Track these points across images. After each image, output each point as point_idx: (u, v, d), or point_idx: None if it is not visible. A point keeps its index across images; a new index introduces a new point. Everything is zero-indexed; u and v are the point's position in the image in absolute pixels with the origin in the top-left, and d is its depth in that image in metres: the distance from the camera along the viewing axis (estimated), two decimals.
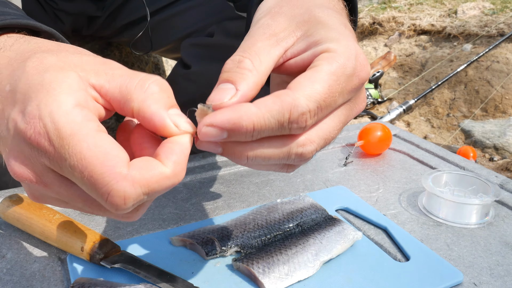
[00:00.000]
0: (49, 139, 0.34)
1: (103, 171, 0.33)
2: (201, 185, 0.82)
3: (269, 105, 0.37)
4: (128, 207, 0.34)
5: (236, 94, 0.39)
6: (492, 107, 2.50)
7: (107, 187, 0.33)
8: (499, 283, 0.59)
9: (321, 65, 0.39)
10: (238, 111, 0.36)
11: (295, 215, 0.68)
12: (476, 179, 0.77)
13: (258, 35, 0.42)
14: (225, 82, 0.40)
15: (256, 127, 0.37)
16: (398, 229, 0.68)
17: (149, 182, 0.34)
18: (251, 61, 0.40)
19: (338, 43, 0.41)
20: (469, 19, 3.20)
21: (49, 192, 0.38)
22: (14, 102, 0.36)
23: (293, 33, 0.43)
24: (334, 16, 0.44)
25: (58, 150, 0.34)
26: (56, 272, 0.59)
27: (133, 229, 0.68)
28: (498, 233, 0.70)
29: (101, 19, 1.20)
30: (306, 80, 0.38)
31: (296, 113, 0.37)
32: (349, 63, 0.40)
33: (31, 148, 0.35)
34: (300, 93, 0.37)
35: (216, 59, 1.10)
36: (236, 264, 0.59)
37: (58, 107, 0.34)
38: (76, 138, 0.34)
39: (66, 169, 0.34)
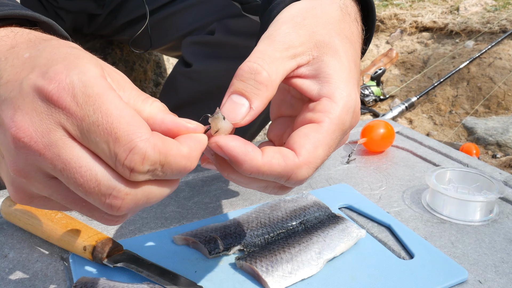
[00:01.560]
0: (73, 95, 0.34)
1: (128, 129, 0.34)
2: (203, 183, 0.81)
3: (274, 166, 0.40)
4: (144, 169, 0.34)
5: (250, 113, 0.41)
6: (494, 104, 2.49)
7: (131, 143, 0.33)
8: (505, 281, 0.59)
9: (323, 123, 0.42)
10: (245, 155, 0.39)
11: (298, 213, 0.67)
12: (480, 176, 0.76)
13: (278, 43, 0.43)
14: (239, 94, 0.41)
15: (253, 173, 0.40)
16: (402, 227, 0.68)
17: (168, 153, 0.35)
18: (269, 74, 0.41)
19: (342, 92, 0.43)
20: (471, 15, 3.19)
21: (44, 160, 0.35)
22: (33, 66, 0.36)
23: (310, 51, 0.44)
24: (349, 49, 0.46)
25: (82, 107, 0.34)
26: (59, 271, 0.59)
27: (136, 228, 0.68)
28: (502, 230, 0.69)
29: (101, 17, 1.20)
30: (310, 144, 0.41)
31: (295, 179, 0.41)
32: (347, 118, 0.43)
33: (48, 105, 0.34)
34: (303, 161, 0.41)
35: (217, 57, 1.09)
36: (239, 262, 0.59)
37: (87, 70, 0.35)
38: (104, 97, 0.34)
39: (86, 126, 0.34)
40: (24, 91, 0.35)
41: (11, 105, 0.35)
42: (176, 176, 0.37)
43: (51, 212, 0.62)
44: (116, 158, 0.34)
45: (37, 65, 0.36)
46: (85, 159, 0.35)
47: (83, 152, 0.35)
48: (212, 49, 1.10)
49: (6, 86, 0.36)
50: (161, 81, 1.62)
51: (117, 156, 0.34)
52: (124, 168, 0.34)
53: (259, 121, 1.18)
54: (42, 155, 0.35)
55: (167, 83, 1.23)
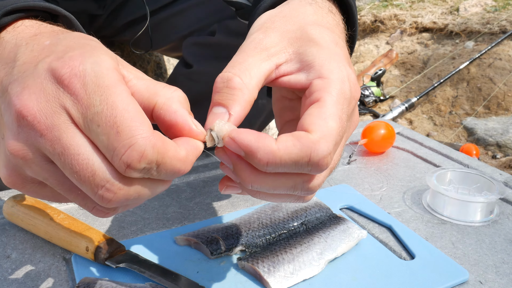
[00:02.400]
0: (83, 82, 0.34)
1: (131, 124, 0.34)
2: (205, 184, 0.82)
3: (289, 147, 0.37)
4: (140, 166, 0.34)
5: (230, 119, 0.40)
6: (494, 105, 2.49)
7: (132, 139, 0.34)
8: (505, 281, 0.59)
9: (324, 98, 0.40)
10: (258, 141, 0.37)
11: (299, 214, 0.67)
12: (480, 177, 0.77)
13: (249, 50, 0.43)
14: (217, 105, 0.41)
15: (269, 163, 0.37)
16: (402, 228, 0.68)
17: (165, 154, 0.35)
18: (241, 78, 0.41)
19: (329, 67, 0.42)
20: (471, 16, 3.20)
21: (44, 141, 0.35)
22: (51, 52, 0.37)
23: (285, 49, 0.44)
24: (326, 34, 0.45)
25: (90, 95, 0.34)
26: (61, 272, 0.59)
27: (138, 228, 0.68)
28: (503, 231, 0.70)
29: (102, 18, 1.20)
30: (318, 119, 0.39)
31: (316, 157, 0.38)
32: (345, 87, 0.42)
33: (57, 87, 0.35)
34: (319, 135, 0.38)
35: (217, 58, 1.10)
36: (241, 263, 0.59)
37: (102, 61, 0.35)
38: (112, 90, 0.34)
39: (90, 115, 0.34)
40: (37, 72, 0.36)
41: (21, 83, 0.36)
42: (169, 177, 0.37)
43: (53, 212, 0.62)
44: (114, 152, 0.34)
45: (55, 51, 0.37)
46: (84, 147, 0.35)
47: (84, 140, 0.35)
48: (213, 50, 1.10)
49: (21, 66, 0.37)
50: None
51: (115, 150, 0.34)
52: (120, 162, 0.34)
53: (258, 123, 1.18)
54: (43, 136, 0.35)
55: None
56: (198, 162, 0.88)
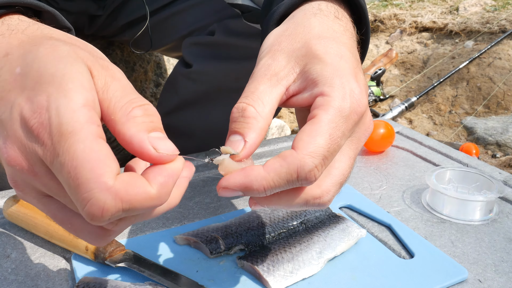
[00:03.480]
0: (49, 132, 0.34)
1: (89, 177, 0.32)
2: (204, 183, 0.82)
3: (277, 169, 0.40)
4: (104, 219, 0.33)
5: (245, 146, 0.42)
6: (494, 104, 2.50)
7: (89, 193, 0.32)
8: (504, 280, 0.59)
9: (319, 115, 0.42)
10: (248, 175, 0.40)
11: (298, 213, 0.68)
12: (479, 175, 0.77)
13: (260, 77, 0.45)
14: (234, 134, 0.43)
15: (266, 188, 0.40)
16: (402, 226, 0.68)
17: (132, 200, 0.33)
18: (254, 107, 0.43)
19: (332, 84, 0.43)
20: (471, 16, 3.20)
21: (36, 183, 0.37)
22: (23, 87, 0.36)
23: (293, 69, 0.46)
24: (330, 47, 0.46)
25: (55, 145, 0.33)
26: (61, 271, 0.59)
27: (137, 228, 0.68)
28: (502, 229, 0.70)
29: (102, 18, 1.20)
30: (307, 136, 0.41)
31: (303, 173, 0.40)
32: (345, 104, 0.42)
33: (30, 137, 0.35)
34: (304, 152, 0.40)
35: (217, 57, 1.10)
36: (241, 262, 0.59)
37: (66, 103, 0.34)
38: (74, 137, 0.33)
39: (56, 165, 0.34)
40: (13, 117, 0.36)
41: (3, 129, 0.37)
42: (148, 216, 0.38)
43: None
44: (78, 204, 0.33)
45: (26, 87, 0.36)
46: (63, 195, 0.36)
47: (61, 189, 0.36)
48: (212, 49, 1.10)
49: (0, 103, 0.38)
50: (161, 81, 1.62)
51: (77, 202, 0.33)
52: (85, 213, 0.33)
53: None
54: (35, 177, 0.36)
55: (167, 83, 1.24)
56: (198, 162, 0.88)
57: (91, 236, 0.38)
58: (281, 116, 2.41)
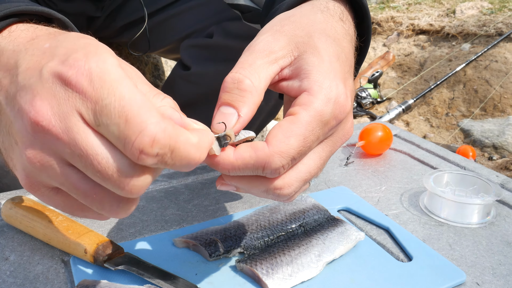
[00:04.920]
0: (90, 79, 0.35)
1: (139, 112, 0.34)
2: (203, 186, 0.82)
3: (246, 159, 0.41)
4: (153, 152, 0.34)
5: (239, 121, 0.42)
6: (491, 106, 2.51)
7: (141, 124, 0.33)
8: (502, 282, 0.59)
9: (298, 115, 0.42)
10: (220, 155, 0.42)
11: (297, 216, 0.68)
12: (477, 178, 0.77)
13: (258, 52, 0.45)
14: (226, 105, 0.43)
15: (231, 171, 0.42)
16: (400, 229, 0.69)
17: (178, 139, 0.35)
18: (251, 80, 0.43)
19: (321, 84, 0.43)
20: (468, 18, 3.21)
21: (60, 146, 0.35)
22: (53, 55, 0.37)
23: (291, 52, 0.45)
24: (330, 45, 0.46)
25: (97, 90, 0.34)
26: (60, 274, 0.59)
27: (136, 230, 0.68)
28: (499, 232, 0.70)
29: (100, 19, 1.20)
30: (281, 134, 0.42)
31: (269, 169, 0.41)
32: (326, 109, 0.43)
33: (66, 89, 0.35)
34: (275, 150, 0.41)
35: (215, 60, 1.10)
36: (240, 265, 0.59)
37: (106, 58, 0.36)
38: (118, 83, 0.35)
39: (99, 109, 0.34)
40: (43, 77, 0.36)
41: (30, 90, 0.36)
42: (184, 166, 0.37)
43: (52, 215, 0.62)
44: (126, 140, 0.34)
45: (57, 54, 0.37)
46: (101, 146, 0.35)
47: (99, 139, 0.35)
48: (211, 52, 1.10)
49: (25, 73, 0.37)
50: (159, 83, 1.62)
51: (126, 138, 0.34)
52: (133, 149, 0.34)
53: (256, 125, 1.18)
54: (60, 139, 0.35)
55: (165, 85, 1.24)
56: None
57: (114, 204, 0.38)
58: (279, 118, 2.41)
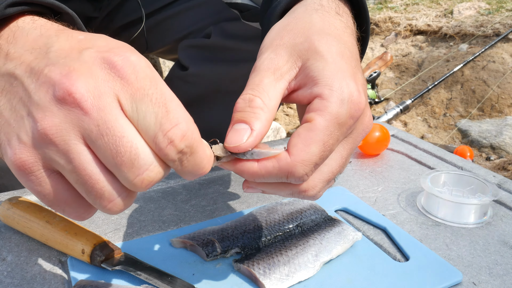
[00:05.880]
0: (134, 69, 0.37)
1: (177, 109, 0.37)
2: (200, 186, 0.82)
3: (269, 168, 0.43)
4: (180, 146, 0.36)
5: (252, 134, 0.43)
6: (488, 107, 2.51)
7: (178, 119, 0.36)
8: (498, 282, 0.60)
9: (315, 121, 0.43)
10: (242, 166, 0.44)
11: (294, 216, 0.68)
12: (474, 179, 0.77)
13: (264, 71, 0.46)
14: (239, 122, 0.44)
15: (256, 179, 0.44)
16: (397, 229, 0.69)
17: (198, 145, 0.38)
18: (261, 99, 0.44)
19: (331, 86, 0.44)
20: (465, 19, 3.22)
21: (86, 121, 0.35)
22: (92, 45, 0.38)
23: (295, 64, 0.46)
24: (332, 44, 0.46)
25: (140, 80, 0.36)
26: (57, 274, 0.59)
27: (133, 231, 0.68)
28: (496, 232, 0.70)
29: (98, 20, 1.20)
30: (301, 142, 0.43)
31: (293, 177, 0.43)
32: (342, 110, 0.43)
33: (108, 72, 0.36)
34: (296, 159, 0.42)
35: (213, 60, 1.10)
36: (237, 265, 0.59)
37: (143, 58, 0.38)
38: (158, 79, 0.37)
39: (140, 96, 0.36)
40: (83, 58, 0.37)
41: (66, 66, 0.36)
42: (192, 173, 0.39)
43: (49, 215, 0.62)
44: (161, 127, 0.36)
45: (97, 45, 0.38)
46: (128, 130, 0.36)
47: (128, 124, 0.36)
48: (209, 52, 1.10)
49: (59, 52, 0.38)
50: None
51: (162, 125, 0.36)
52: (164, 138, 0.36)
53: None
54: (88, 115, 0.35)
55: None
56: None
57: (114, 195, 0.38)
58: (277, 118, 2.42)
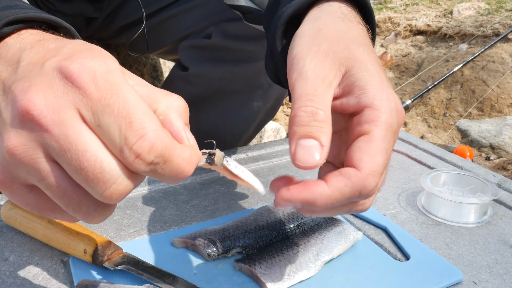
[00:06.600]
0: (93, 77, 0.35)
1: (143, 117, 0.34)
2: (202, 186, 0.82)
3: (342, 188, 0.41)
4: (149, 159, 0.34)
5: (323, 150, 0.42)
6: (488, 107, 2.52)
7: (143, 130, 0.34)
8: (498, 281, 0.60)
9: (373, 132, 0.43)
10: (313, 192, 0.41)
11: (295, 215, 0.68)
12: (474, 178, 0.78)
13: (314, 79, 0.45)
14: (307, 137, 0.42)
15: (328, 205, 0.41)
16: (397, 229, 0.69)
17: (172, 151, 0.35)
18: (324, 111, 0.43)
19: (381, 97, 0.44)
20: (465, 19, 3.22)
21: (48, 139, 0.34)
22: (57, 53, 0.37)
23: (339, 71, 0.46)
24: (368, 54, 0.47)
25: (101, 89, 0.34)
26: (59, 274, 0.59)
27: (135, 231, 0.69)
28: (496, 231, 0.71)
29: (99, 20, 1.20)
30: (367, 155, 0.42)
31: (365, 191, 0.42)
32: (393, 120, 0.44)
33: (65, 83, 0.35)
34: (367, 172, 0.41)
35: (214, 60, 1.10)
36: (238, 265, 0.59)
37: (110, 61, 0.36)
38: (123, 86, 0.35)
39: (101, 108, 0.34)
40: (44, 70, 0.36)
41: (27, 81, 0.35)
42: (172, 178, 0.37)
43: None
44: (126, 141, 0.34)
45: (61, 52, 0.37)
46: (92, 144, 0.35)
47: (92, 137, 0.35)
48: (209, 53, 1.10)
49: (26, 67, 0.37)
50: (157, 84, 1.62)
51: (126, 139, 0.34)
52: (131, 152, 0.34)
53: (254, 126, 1.18)
54: (49, 132, 0.34)
55: (164, 86, 1.24)
56: None
57: (91, 207, 0.37)
58: (277, 119, 2.42)
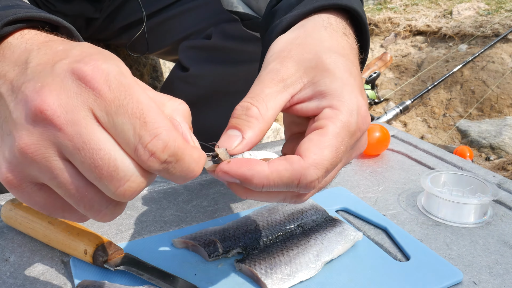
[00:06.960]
0: (107, 79, 0.35)
1: (156, 117, 0.35)
2: (202, 187, 0.82)
3: (281, 171, 0.41)
4: (162, 157, 0.35)
5: (242, 142, 0.43)
6: (487, 107, 2.52)
7: (157, 130, 0.35)
8: (498, 282, 0.60)
9: (327, 127, 0.43)
10: (252, 169, 0.41)
11: (296, 216, 0.68)
12: (474, 179, 0.78)
13: (267, 81, 0.46)
14: (233, 128, 0.44)
15: (265, 186, 0.41)
16: (398, 229, 0.69)
17: (184, 151, 0.36)
18: (258, 108, 0.44)
19: (341, 98, 0.44)
20: (464, 19, 3.22)
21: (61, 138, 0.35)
22: (67, 55, 0.37)
23: (300, 79, 0.46)
24: (340, 62, 0.47)
25: (114, 91, 0.35)
26: (60, 275, 0.59)
27: (135, 231, 0.69)
28: (496, 232, 0.71)
29: (99, 21, 1.21)
30: (315, 146, 0.42)
31: (305, 181, 0.41)
32: (352, 119, 0.44)
33: (79, 84, 0.35)
34: (310, 162, 0.41)
35: (214, 61, 1.10)
36: (239, 265, 0.59)
37: (121, 64, 0.37)
38: (135, 88, 0.36)
39: (114, 108, 0.35)
40: (55, 71, 0.36)
41: (39, 81, 0.36)
42: (182, 177, 0.38)
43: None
44: (140, 140, 0.35)
45: (71, 54, 0.37)
46: (105, 143, 0.35)
47: (105, 135, 0.35)
48: (209, 53, 1.11)
49: (36, 68, 0.37)
50: (157, 85, 1.62)
51: (141, 138, 0.35)
52: (145, 151, 0.35)
53: None
54: (62, 131, 0.35)
55: (164, 87, 1.24)
56: None
57: (102, 205, 0.38)
58: (277, 119, 2.42)
